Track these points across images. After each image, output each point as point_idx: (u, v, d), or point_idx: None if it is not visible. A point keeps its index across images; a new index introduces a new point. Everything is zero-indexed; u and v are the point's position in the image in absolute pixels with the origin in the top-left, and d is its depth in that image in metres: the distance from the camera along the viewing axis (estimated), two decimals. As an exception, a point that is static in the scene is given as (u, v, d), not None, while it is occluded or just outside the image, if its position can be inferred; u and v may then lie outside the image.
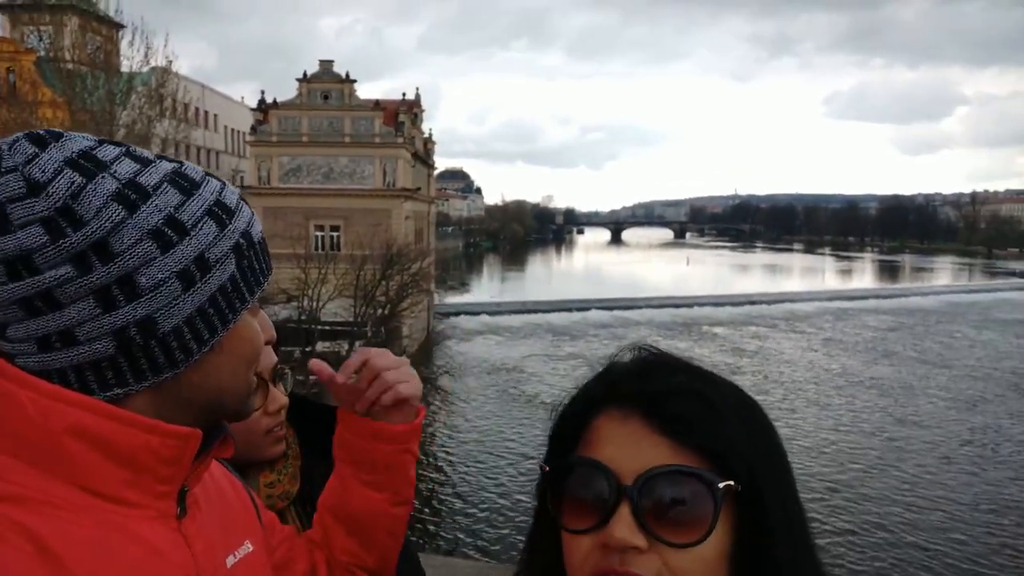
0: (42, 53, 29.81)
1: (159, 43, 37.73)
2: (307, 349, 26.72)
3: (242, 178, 47.74)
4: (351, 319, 28.19)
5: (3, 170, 0.66)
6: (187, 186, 0.72)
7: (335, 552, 1.08)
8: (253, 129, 40.42)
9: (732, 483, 0.63)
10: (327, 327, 28.32)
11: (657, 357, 0.72)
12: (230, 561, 0.82)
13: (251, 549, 0.86)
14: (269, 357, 1.23)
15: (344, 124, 39.97)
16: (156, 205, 0.68)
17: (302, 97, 39.85)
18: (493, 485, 22.91)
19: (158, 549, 0.71)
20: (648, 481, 0.63)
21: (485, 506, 21.53)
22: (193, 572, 0.74)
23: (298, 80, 40.07)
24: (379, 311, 30.08)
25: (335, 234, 39.06)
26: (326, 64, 40.69)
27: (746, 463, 0.64)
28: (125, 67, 26.24)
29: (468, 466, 24.73)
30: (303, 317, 28.31)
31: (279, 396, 1.24)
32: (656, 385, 0.68)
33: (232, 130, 54.25)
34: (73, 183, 0.65)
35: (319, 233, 38.91)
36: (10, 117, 23.27)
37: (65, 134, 0.70)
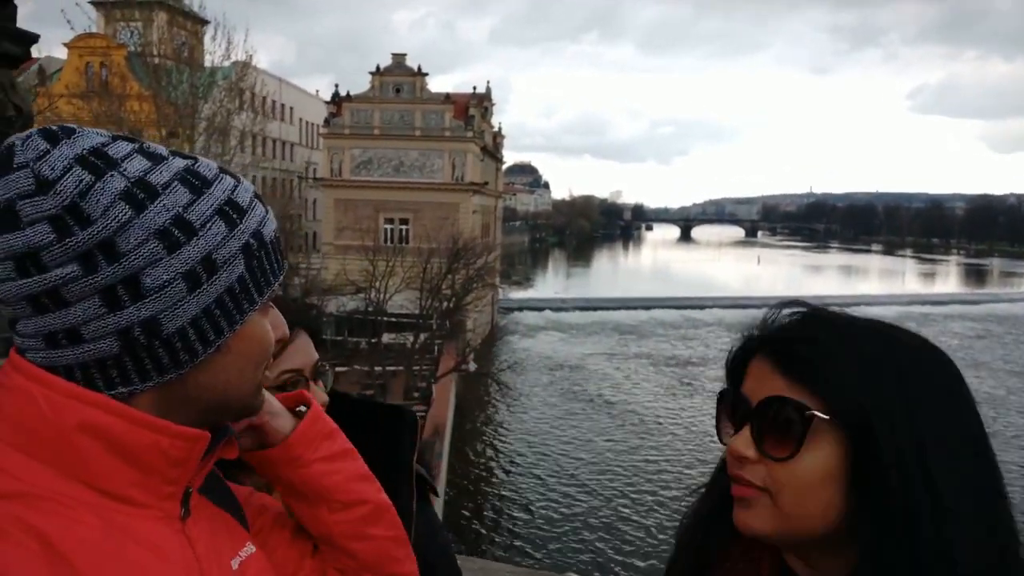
0: (132, 48, 31.18)
1: (239, 38, 39.18)
2: (373, 340, 27.19)
3: (315, 170, 48.93)
4: (417, 311, 28.53)
5: (15, 166, 0.66)
6: (198, 184, 0.71)
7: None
8: (326, 122, 41.34)
9: (819, 414, 0.75)
10: (393, 319, 28.75)
11: (800, 311, 0.84)
12: (235, 563, 0.81)
13: (253, 551, 0.85)
14: (310, 354, 1.20)
15: (415, 117, 40.46)
16: (164, 204, 0.68)
17: (374, 90, 40.51)
18: (549, 488, 22.73)
19: (163, 550, 0.71)
20: (761, 406, 0.79)
21: (544, 510, 21.41)
22: (197, 573, 0.74)
23: (371, 73, 40.75)
24: (444, 304, 30.35)
25: (404, 227, 39.62)
26: (399, 57, 41.25)
27: (858, 402, 0.74)
28: (208, 61, 27.16)
29: (525, 466, 24.64)
30: (370, 309, 28.80)
31: (320, 394, 1.20)
32: (785, 333, 0.82)
33: (307, 122, 55.67)
34: (81, 181, 0.65)
35: (388, 226, 39.53)
36: (101, 110, 24.36)
37: (79, 130, 0.69)
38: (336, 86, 42.00)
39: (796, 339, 0.79)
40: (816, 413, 0.75)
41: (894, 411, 0.74)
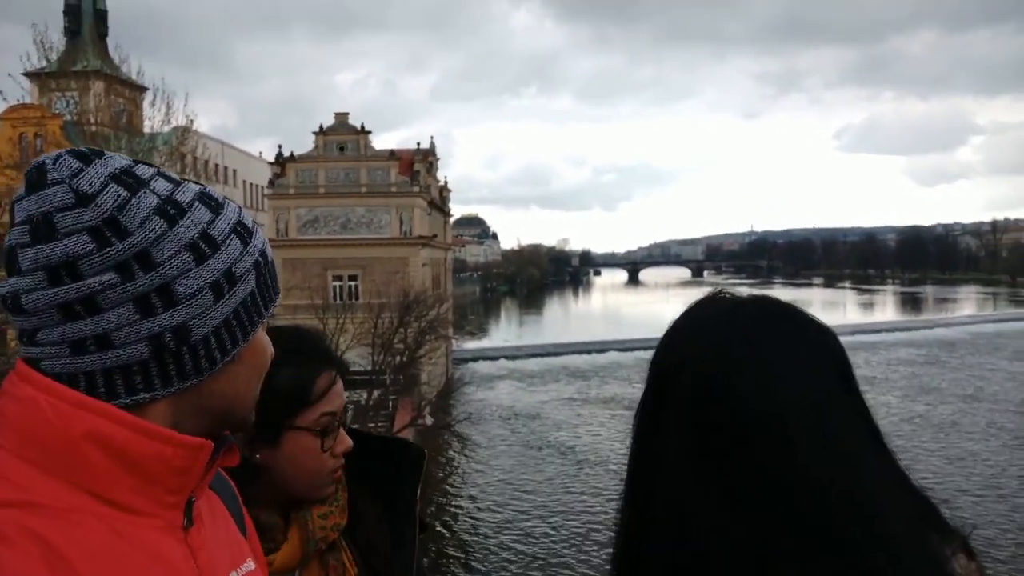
0: (68, 117, 30.71)
1: (179, 103, 38.66)
2: (327, 399, 26.64)
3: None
4: (369, 367, 28.17)
5: (49, 182, 0.70)
6: (214, 205, 0.78)
7: None
8: (271, 183, 41.15)
9: None
10: (345, 376, 28.31)
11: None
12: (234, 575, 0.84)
13: (253, 567, 0.88)
14: (343, 397, 1.27)
15: (360, 175, 40.60)
16: (192, 220, 0.74)
17: (319, 149, 40.61)
18: (513, 538, 22.46)
19: (165, 559, 0.73)
20: None
21: (507, 558, 21.09)
22: None
23: (314, 133, 40.88)
24: (397, 358, 30.05)
25: (353, 283, 39.35)
26: (341, 116, 41.53)
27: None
28: (147, 127, 26.91)
29: (486, 516, 24.30)
30: (323, 367, 28.27)
31: (346, 439, 1.26)
32: None
33: (251, 184, 55.24)
34: (119, 196, 0.70)
35: (337, 283, 39.22)
36: (36, 179, 23.79)
37: (106, 152, 0.75)
38: (280, 147, 42.04)
39: None
40: None
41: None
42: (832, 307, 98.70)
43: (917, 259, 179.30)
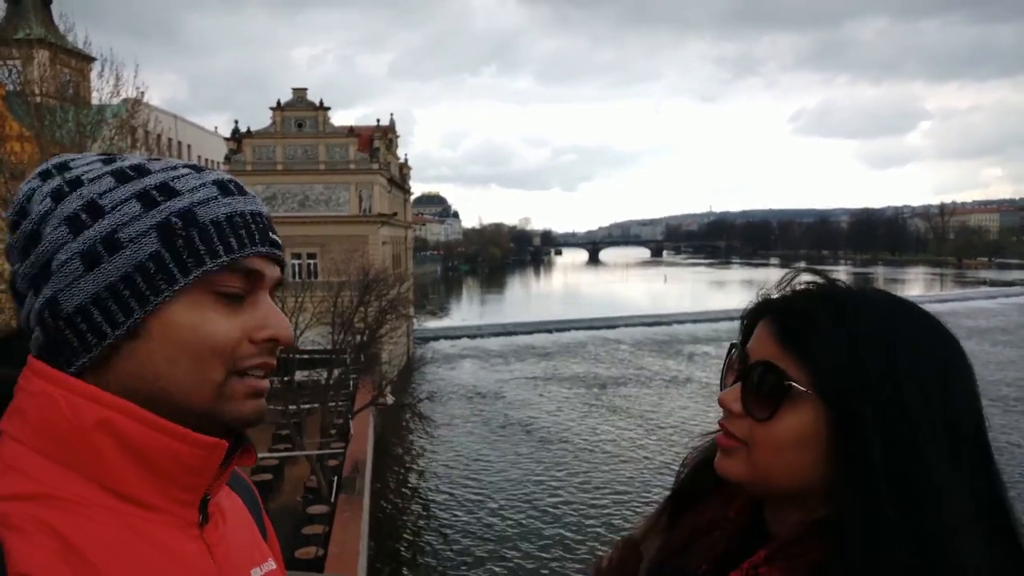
0: (11, 87, 29.48)
1: (129, 74, 37.36)
2: (286, 379, 26.35)
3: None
4: (330, 346, 27.90)
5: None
6: (133, 175, 0.74)
7: None
8: (227, 159, 40.20)
9: (797, 385, 0.80)
10: (305, 356, 27.99)
11: (810, 281, 0.91)
12: (255, 573, 0.81)
13: (274, 567, 0.86)
14: None
15: (319, 151, 39.93)
16: (81, 192, 0.72)
17: (276, 125, 39.77)
18: (472, 512, 22.59)
19: (180, 555, 0.72)
20: (752, 367, 0.85)
21: (470, 533, 21.25)
22: None
23: (272, 109, 40.01)
24: (358, 338, 29.79)
25: (312, 261, 38.83)
26: (300, 92, 40.69)
27: (836, 378, 0.78)
28: (95, 99, 25.95)
29: (448, 493, 24.42)
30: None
31: None
32: (787, 302, 0.88)
33: (206, 160, 53.96)
34: (33, 188, 0.75)
35: (295, 261, 38.64)
36: (-23, 152, 22.85)
37: (74, 158, 0.77)
38: (236, 122, 40.99)
39: (794, 309, 0.85)
40: (794, 384, 0.80)
41: (877, 389, 0.76)
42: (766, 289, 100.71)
43: (868, 240, 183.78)
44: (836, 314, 0.81)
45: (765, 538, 0.86)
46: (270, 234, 0.81)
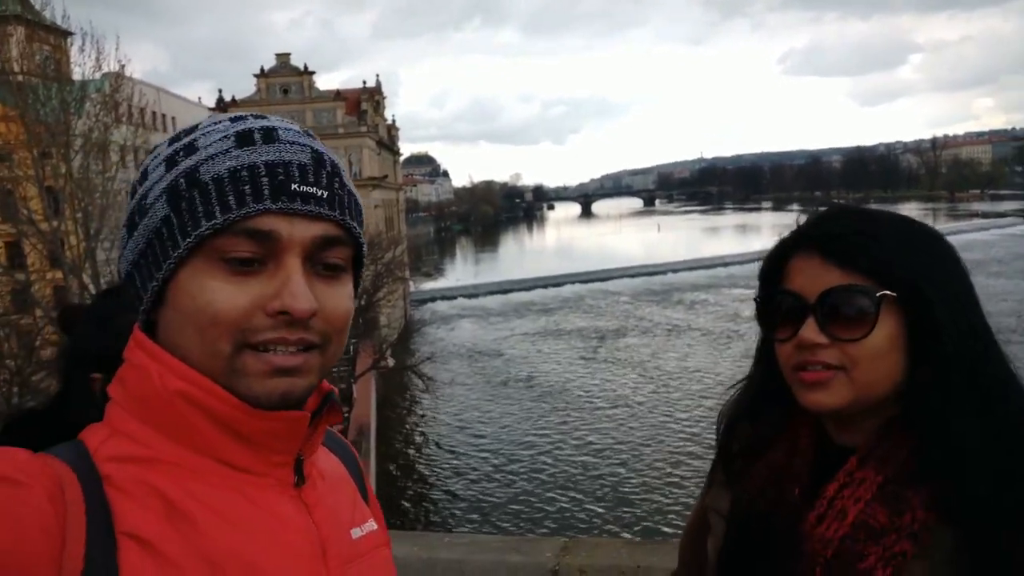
0: (-10, 67, 28.96)
1: (110, 48, 36.87)
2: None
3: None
4: (329, 313, 28.07)
5: None
6: (183, 135, 0.74)
7: None
8: (213, 129, 39.81)
9: (888, 292, 0.86)
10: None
11: (832, 208, 0.96)
12: (356, 533, 0.81)
13: (375, 528, 0.85)
14: None
15: (306, 117, 39.55)
16: (147, 160, 0.75)
17: (261, 93, 39.34)
18: (477, 467, 23.03)
19: (280, 515, 0.72)
20: (823, 297, 0.88)
21: (477, 485, 21.72)
22: (316, 539, 0.74)
23: (256, 76, 39.53)
24: (355, 302, 30.01)
25: (305, 229, 38.80)
26: (283, 57, 40.17)
27: (908, 277, 0.86)
28: (77, 75, 25.58)
29: (453, 450, 24.83)
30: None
31: None
32: (827, 228, 0.91)
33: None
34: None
35: (289, 229, 38.62)
36: (-39, 134, 22.63)
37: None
38: (220, 92, 40.58)
39: (841, 233, 0.90)
40: (887, 292, 0.86)
41: (936, 282, 0.87)
42: (785, 229, 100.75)
43: (861, 179, 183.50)
44: (877, 230, 0.90)
45: (836, 454, 0.93)
46: (295, 186, 0.69)
